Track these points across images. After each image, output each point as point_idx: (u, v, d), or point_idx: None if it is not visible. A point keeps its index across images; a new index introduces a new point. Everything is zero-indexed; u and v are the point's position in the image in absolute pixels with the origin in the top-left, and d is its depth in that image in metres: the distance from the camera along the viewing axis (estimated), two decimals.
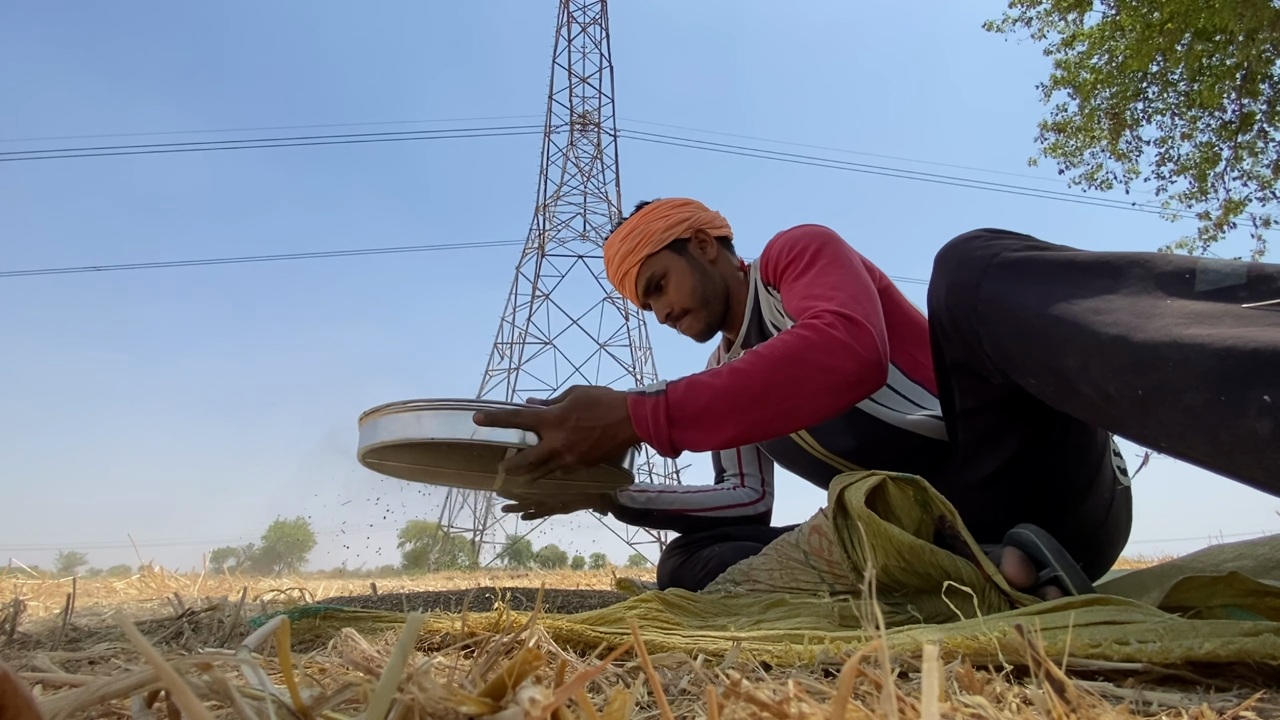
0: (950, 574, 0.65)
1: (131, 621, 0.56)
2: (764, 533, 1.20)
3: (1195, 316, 0.49)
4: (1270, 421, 0.42)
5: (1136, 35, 5.17)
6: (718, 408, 0.82)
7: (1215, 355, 0.45)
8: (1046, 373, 0.60)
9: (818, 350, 0.81)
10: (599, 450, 0.85)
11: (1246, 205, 5.68)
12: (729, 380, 0.82)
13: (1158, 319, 0.51)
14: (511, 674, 0.26)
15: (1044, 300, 0.59)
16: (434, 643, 0.59)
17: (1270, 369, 0.43)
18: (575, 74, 27.08)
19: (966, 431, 0.81)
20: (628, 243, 1.13)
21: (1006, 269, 0.65)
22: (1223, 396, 0.45)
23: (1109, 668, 0.40)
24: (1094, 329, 0.54)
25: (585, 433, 0.84)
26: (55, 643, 0.71)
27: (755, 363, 0.82)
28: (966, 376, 0.75)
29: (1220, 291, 0.51)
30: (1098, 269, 0.58)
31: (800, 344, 0.82)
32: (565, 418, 0.84)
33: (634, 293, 1.16)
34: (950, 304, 0.70)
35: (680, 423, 0.83)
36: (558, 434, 0.84)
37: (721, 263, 1.16)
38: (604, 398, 0.86)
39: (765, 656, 0.49)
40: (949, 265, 0.71)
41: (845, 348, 0.81)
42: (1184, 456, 0.51)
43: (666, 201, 1.17)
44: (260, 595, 1.46)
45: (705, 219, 1.16)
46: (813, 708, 0.24)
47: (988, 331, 0.66)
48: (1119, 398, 0.52)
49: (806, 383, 0.81)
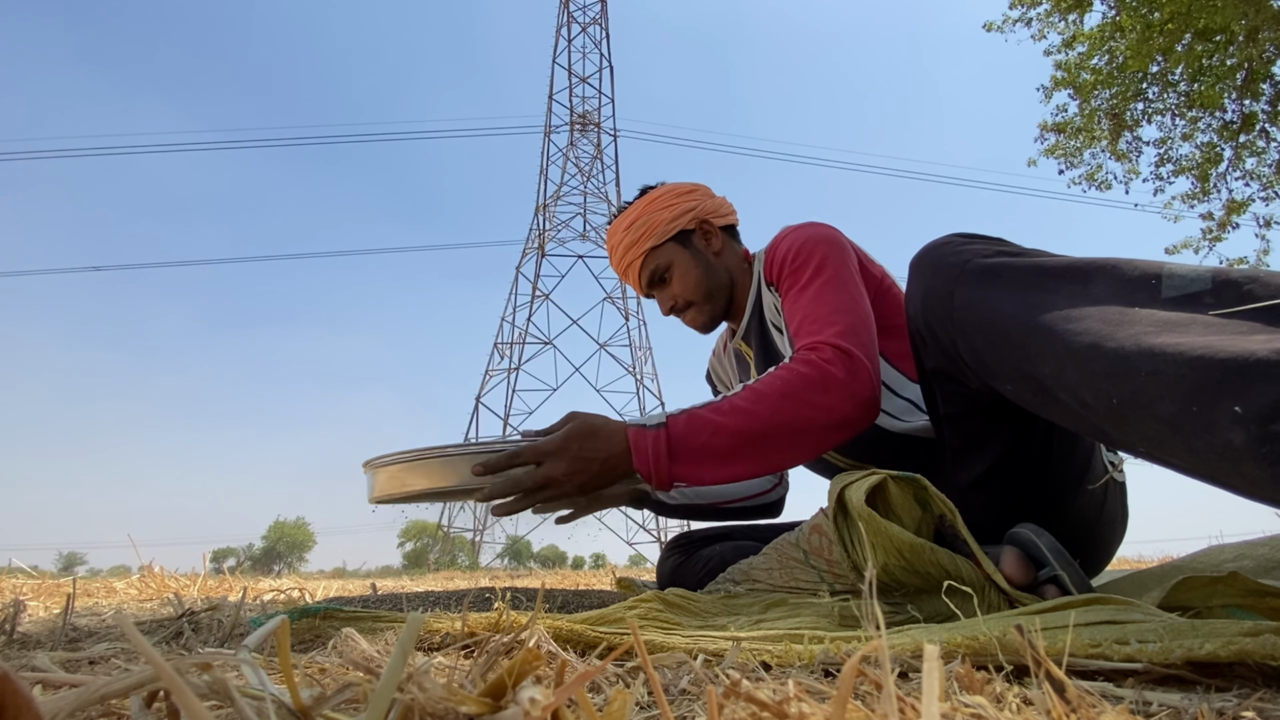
0: (950, 573, 0.65)
1: (131, 621, 0.56)
2: (764, 532, 1.20)
3: (1164, 325, 0.50)
4: (1243, 432, 0.42)
5: (1136, 36, 5.16)
6: (717, 445, 0.82)
7: (1185, 365, 0.46)
8: (1023, 379, 0.60)
9: (816, 389, 0.82)
10: (599, 481, 0.85)
11: (1249, 205, 5.68)
12: (729, 418, 0.82)
13: (1128, 327, 0.51)
14: (511, 674, 0.26)
15: (1017, 307, 0.60)
16: (434, 643, 0.59)
17: (1239, 379, 0.43)
18: (575, 74, 27.09)
19: (953, 435, 0.82)
20: (631, 233, 1.10)
21: (979, 275, 0.65)
22: (1195, 407, 0.45)
23: (1109, 668, 0.40)
24: (1066, 337, 0.54)
25: (586, 463, 0.84)
26: (55, 643, 0.71)
27: (755, 401, 0.83)
28: (947, 382, 0.75)
29: (1187, 298, 0.51)
30: (1068, 275, 0.59)
31: (799, 382, 0.82)
32: (566, 447, 0.84)
33: (637, 284, 1.15)
34: (926, 312, 0.70)
35: (680, 458, 0.83)
36: (559, 463, 0.84)
37: (726, 254, 1.14)
38: (604, 428, 0.86)
39: (765, 656, 0.49)
40: (923, 272, 0.71)
41: (843, 386, 0.82)
42: (1163, 463, 0.51)
43: (672, 188, 1.14)
44: (260, 595, 1.46)
45: (711, 208, 1.13)
46: (813, 708, 0.24)
47: (964, 339, 0.66)
48: (1095, 405, 0.53)
49: (805, 422, 0.82)
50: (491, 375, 23.97)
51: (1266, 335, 0.45)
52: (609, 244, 1.15)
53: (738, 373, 1.24)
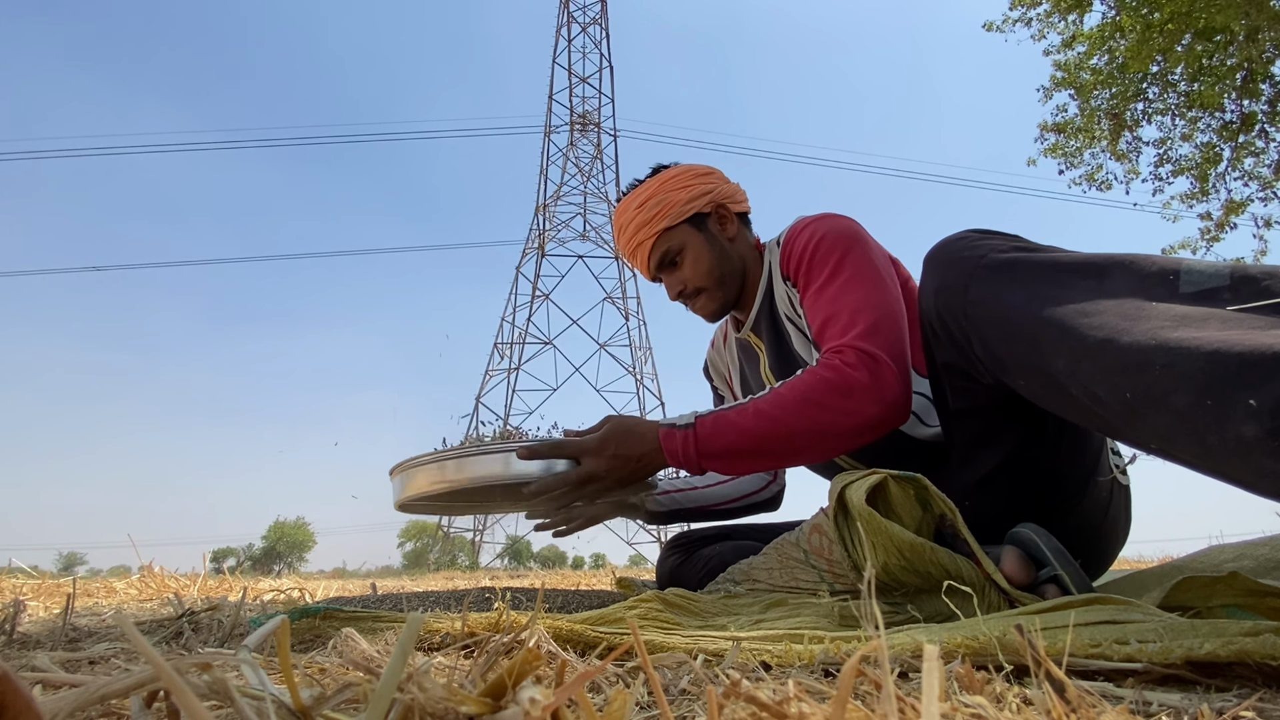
0: (950, 572, 0.65)
1: (131, 621, 0.56)
2: (764, 532, 1.19)
3: (1181, 319, 0.49)
4: (1256, 425, 0.42)
5: (1136, 36, 5.16)
6: (742, 447, 0.86)
7: (1202, 359, 0.45)
8: (1036, 374, 0.60)
9: (840, 394, 0.83)
10: (634, 477, 0.92)
11: (1248, 206, 5.68)
12: (754, 422, 0.85)
13: (1144, 321, 0.51)
14: (511, 674, 0.26)
15: (1032, 302, 0.60)
16: (434, 643, 0.59)
17: (1255, 373, 0.43)
18: (575, 74, 27.09)
19: (961, 432, 0.81)
20: (644, 211, 1.06)
21: (994, 270, 0.65)
22: (1209, 400, 0.45)
23: (1109, 668, 0.40)
24: (1081, 331, 0.54)
25: (623, 460, 0.90)
26: (55, 643, 0.71)
27: (779, 405, 0.85)
28: (958, 378, 0.75)
29: (1205, 293, 0.51)
30: (1084, 270, 0.58)
31: (824, 388, 0.83)
32: (605, 446, 0.90)
33: (645, 266, 1.10)
34: (939, 306, 0.70)
35: (707, 457, 0.88)
36: (598, 461, 0.90)
37: (740, 241, 1.11)
38: (637, 428, 0.92)
39: (765, 656, 0.49)
40: (937, 267, 0.71)
41: (868, 391, 0.83)
42: (1173, 459, 0.51)
43: (688, 169, 1.10)
44: (260, 595, 1.46)
45: (727, 192, 1.10)
46: (813, 708, 0.24)
47: (977, 333, 0.66)
48: (1107, 399, 0.52)
49: (829, 426, 0.84)
50: (491, 375, 23.98)
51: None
52: (617, 222, 1.11)
53: (743, 365, 1.21)
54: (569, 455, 0.91)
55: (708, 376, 1.35)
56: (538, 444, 0.90)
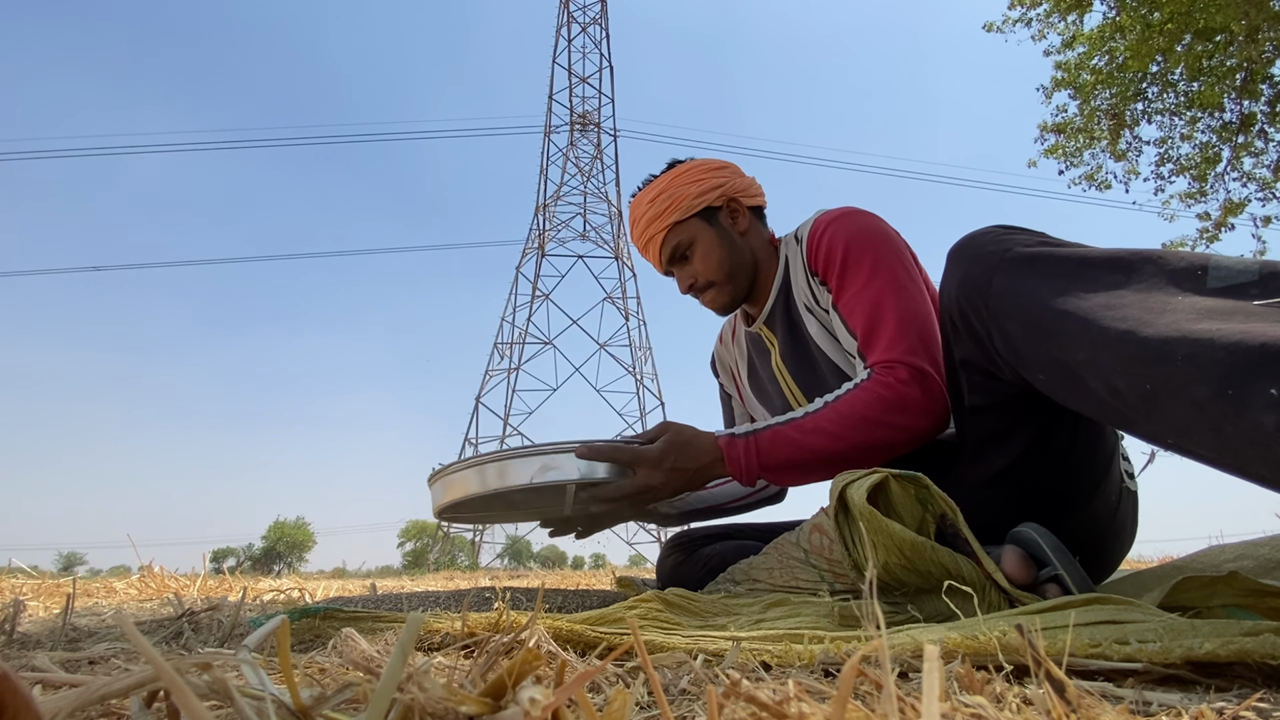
0: (951, 571, 0.65)
1: (131, 621, 0.56)
2: (764, 531, 1.19)
3: (1206, 312, 0.49)
4: (1276, 415, 0.42)
5: (1136, 36, 5.16)
6: (800, 460, 0.89)
7: (1223, 349, 0.45)
8: (1056, 366, 0.60)
9: (897, 411, 0.86)
10: (688, 488, 0.93)
11: (1246, 205, 5.68)
12: (813, 439, 0.88)
13: (1168, 314, 0.50)
14: (511, 674, 0.26)
15: (1055, 295, 0.59)
16: (434, 643, 0.59)
17: (1277, 363, 0.42)
18: (575, 74, 27.09)
19: (975, 429, 0.81)
20: (656, 205, 1.07)
21: (1019, 264, 0.64)
22: (1229, 390, 0.44)
23: (1109, 667, 0.40)
24: (1103, 323, 0.54)
25: (681, 474, 0.91)
26: (55, 643, 0.71)
27: (840, 422, 0.87)
28: (976, 373, 0.75)
29: (1232, 289, 0.51)
30: (1110, 265, 0.58)
31: (882, 406, 0.86)
32: (664, 459, 0.91)
33: (657, 259, 1.11)
34: (961, 299, 0.70)
35: (767, 469, 0.90)
36: (655, 473, 0.91)
37: (752, 235, 1.10)
38: (696, 440, 0.93)
39: (765, 656, 0.49)
40: (961, 260, 0.71)
41: (920, 406, 0.85)
42: (1189, 453, 0.51)
43: (701, 163, 1.10)
44: (260, 595, 1.46)
45: (740, 186, 1.10)
46: (813, 708, 0.24)
47: (998, 326, 0.65)
48: (1126, 391, 0.52)
49: (884, 441, 0.87)
50: (491, 375, 23.99)
51: None
52: (631, 216, 1.12)
53: (753, 358, 1.20)
54: (625, 462, 0.91)
55: (715, 371, 1.35)
56: (596, 445, 0.91)
